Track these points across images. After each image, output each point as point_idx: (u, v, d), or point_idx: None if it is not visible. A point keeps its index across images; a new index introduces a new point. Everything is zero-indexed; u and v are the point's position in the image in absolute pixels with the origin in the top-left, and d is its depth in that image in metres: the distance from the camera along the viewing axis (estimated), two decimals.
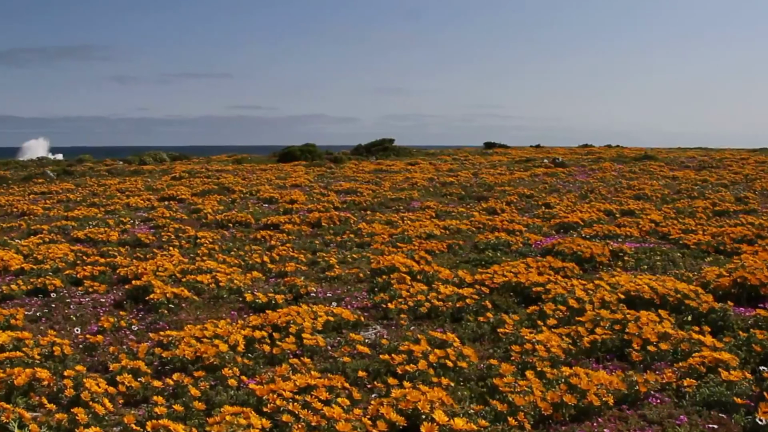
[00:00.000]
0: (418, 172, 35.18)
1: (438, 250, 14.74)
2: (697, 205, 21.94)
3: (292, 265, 13.22)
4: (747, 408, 6.44)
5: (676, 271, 12.53)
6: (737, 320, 9.31)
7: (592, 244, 13.96)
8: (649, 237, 16.91)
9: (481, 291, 10.64)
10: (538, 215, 20.46)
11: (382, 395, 6.74)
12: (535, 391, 6.50)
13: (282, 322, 8.91)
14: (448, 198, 25.45)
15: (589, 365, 7.78)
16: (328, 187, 28.57)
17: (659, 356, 7.87)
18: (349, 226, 18.37)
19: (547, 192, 26.93)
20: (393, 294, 10.58)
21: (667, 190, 27.29)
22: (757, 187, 27.97)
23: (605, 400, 6.54)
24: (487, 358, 8.01)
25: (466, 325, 9.36)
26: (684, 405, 6.66)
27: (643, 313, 8.76)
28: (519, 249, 14.95)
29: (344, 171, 36.35)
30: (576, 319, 8.95)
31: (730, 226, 17.41)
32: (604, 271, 12.51)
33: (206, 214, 20.37)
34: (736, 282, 10.83)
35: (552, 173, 33.97)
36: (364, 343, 8.55)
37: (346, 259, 14.04)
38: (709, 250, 14.87)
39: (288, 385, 6.62)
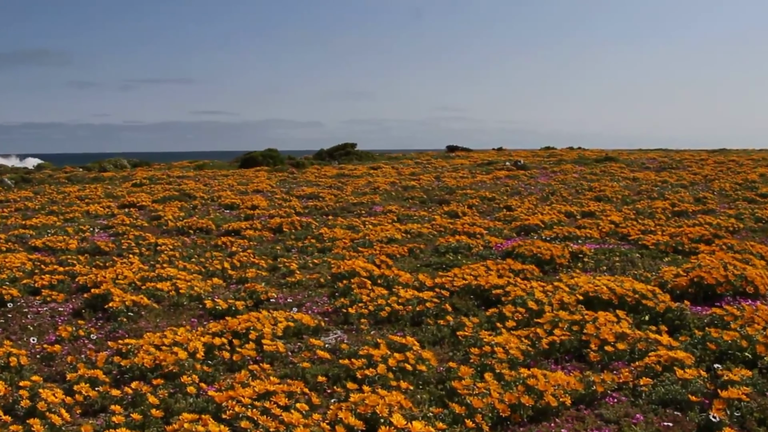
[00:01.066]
0: (380, 176, 35.20)
1: (399, 254, 14.78)
2: (657, 206, 22.18)
3: (253, 271, 13.18)
4: (701, 405, 6.55)
5: (635, 272, 12.67)
6: (694, 319, 9.46)
7: (552, 246, 14.07)
8: (608, 238, 17.07)
9: (442, 294, 10.68)
10: (499, 218, 20.55)
11: (342, 400, 6.76)
12: (493, 393, 6.56)
13: (242, 328, 8.89)
14: (410, 202, 25.49)
15: (547, 366, 7.86)
16: (290, 192, 28.49)
17: (617, 356, 7.97)
18: (310, 231, 18.35)
19: (509, 195, 27.08)
20: (354, 298, 10.61)
21: (628, 191, 27.54)
22: (715, 188, 28.33)
23: (562, 400, 6.61)
24: (447, 361, 8.05)
25: (426, 329, 9.40)
26: (640, 404, 6.75)
27: (601, 313, 8.86)
28: (480, 252, 15.02)
29: (306, 176, 36.29)
30: (535, 321, 9.05)
31: (688, 226, 17.62)
32: (564, 273, 12.62)
33: (167, 220, 20.22)
34: (693, 281, 10.99)
35: (514, 176, 34.16)
36: (325, 348, 8.56)
37: (308, 264, 14.04)
38: (667, 250, 15.05)
39: (247, 391, 6.61)
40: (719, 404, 6.37)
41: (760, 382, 6.99)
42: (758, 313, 8.81)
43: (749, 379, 6.98)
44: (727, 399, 6.43)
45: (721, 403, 6.38)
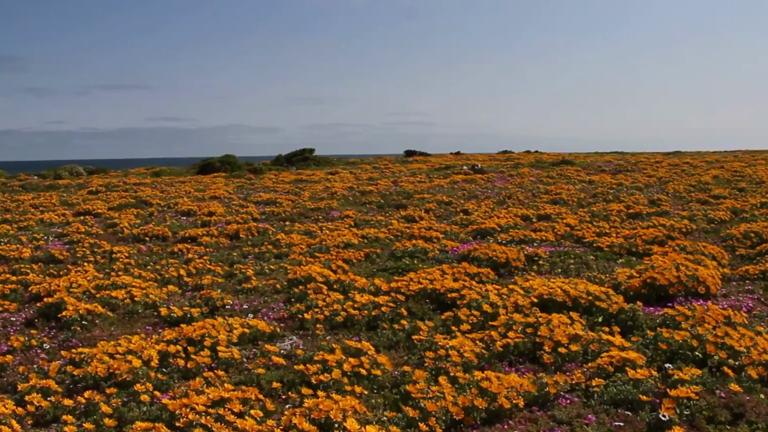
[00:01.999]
0: (338, 181, 35.22)
1: (355, 259, 14.80)
2: (612, 208, 22.43)
3: (209, 277, 13.12)
4: (652, 405, 6.63)
5: (589, 274, 12.80)
6: (646, 320, 9.59)
7: (507, 249, 14.17)
8: (564, 241, 17.22)
9: (397, 299, 10.71)
10: (456, 222, 20.67)
11: (296, 405, 6.75)
12: (447, 396, 6.59)
13: (197, 335, 8.85)
14: (368, 207, 25.54)
15: (501, 369, 7.90)
16: (248, 198, 28.41)
17: (570, 357, 8.04)
18: (267, 237, 18.31)
19: (466, 198, 27.20)
20: (309, 304, 10.61)
21: (584, 194, 27.82)
22: (669, 190, 28.71)
23: (515, 402, 6.66)
24: (402, 365, 8.07)
25: (381, 333, 9.42)
26: (592, 404, 6.82)
27: (555, 315, 8.93)
28: (436, 256, 15.08)
29: (264, 182, 36.20)
30: (490, 324, 9.09)
31: (642, 228, 17.84)
32: (519, 276, 12.71)
33: (123, 228, 20.04)
34: (646, 282, 11.13)
35: (471, 180, 34.32)
36: (280, 354, 8.55)
37: (264, 270, 14.00)
38: (621, 252, 15.23)
39: (201, 398, 6.58)
40: (669, 403, 6.46)
41: (710, 381, 7.11)
42: (709, 313, 8.94)
43: (699, 378, 7.09)
44: (677, 398, 6.52)
45: (670, 402, 6.47)
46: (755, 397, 6.77)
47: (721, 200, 24.79)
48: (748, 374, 7.29)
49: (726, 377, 7.26)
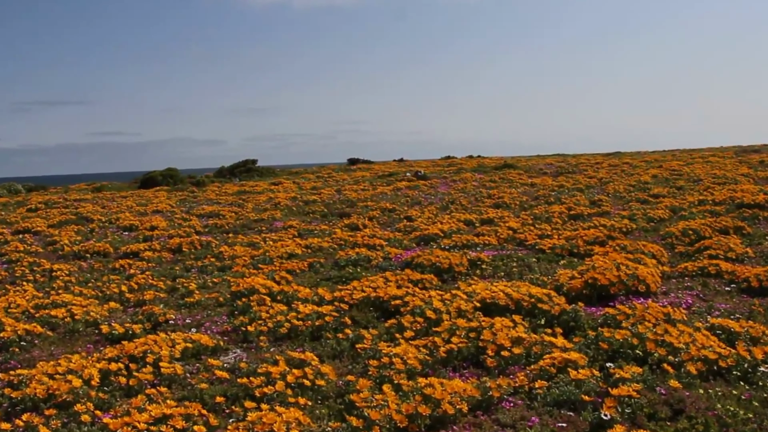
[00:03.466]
0: (281, 191, 35.08)
1: (299, 269, 14.76)
2: (554, 211, 22.65)
3: (151, 293, 12.97)
4: (594, 404, 6.69)
5: (532, 276, 12.92)
6: (588, 320, 9.69)
7: (450, 255, 14.23)
8: (506, 244, 17.35)
9: (341, 308, 10.70)
10: (399, 229, 20.72)
11: (240, 419, 6.71)
12: (391, 404, 6.58)
13: (139, 352, 8.73)
14: (311, 216, 25.48)
15: (445, 374, 7.93)
16: (190, 211, 28.17)
17: (513, 360, 8.10)
18: (210, 250, 18.19)
19: (409, 205, 27.29)
20: (253, 316, 10.53)
21: (526, 197, 28.07)
22: (610, 190, 29.08)
23: (459, 407, 6.67)
24: (346, 375, 8.05)
25: (325, 343, 9.40)
26: (535, 406, 6.87)
27: (498, 319, 8.98)
28: (379, 264, 15.10)
29: (207, 194, 35.92)
30: (433, 330, 9.12)
31: (584, 229, 18.06)
32: (462, 281, 12.78)
33: (63, 245, 19.73)
34: (588, 283, 11.26)
35: (414, 186, 34.44)
36: (223, 368, 8.49)
37: (207, 283, 13.90)
38: (563, 253, 15.39)
39: (143, 416, 6.50)
40: (610, 402, 6.53)
41: (650, 378, 7.20)
42: (649, 311, 9.08)
43: (640, 376, 7.17)
44: (618, 397, 6.59)
45: (612, 401, 6.54)
46: (694, 393, 6.87)
47: (661, 199, 25.18)
48: (688, 370, 7.41)
49: (666, 374, 7.36)
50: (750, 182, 28.81)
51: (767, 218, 19.52)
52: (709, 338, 8.14)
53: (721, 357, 7.62)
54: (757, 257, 14.42)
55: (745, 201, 21.85)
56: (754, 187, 26.31)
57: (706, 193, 26.01)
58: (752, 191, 24.21)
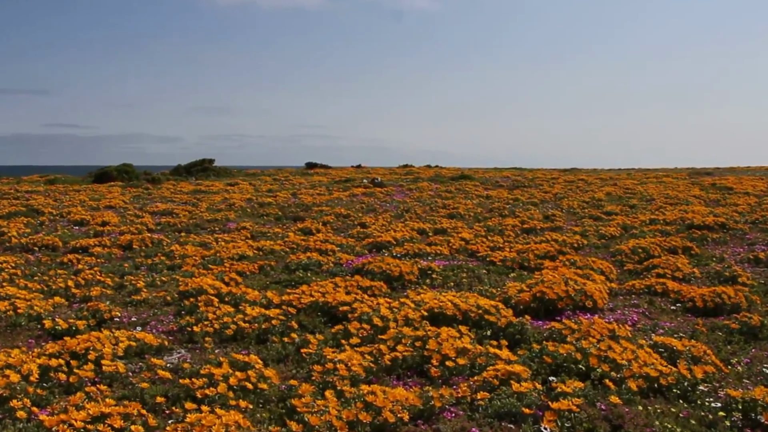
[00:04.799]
0: (237, 192, 34.93)
1: (249, 271, 14.67)
2: (507, 223, 22.77)
3: (98, 289, 12.82)
4: (535, 417, 6.72)
5: (481, 287, 12.95)
6: (534, 333, 9.73)
7: (401, 263, 14.24)
8: (458, 255, 17.41)
9: (289, 312, 10.65)
10: (352, 235, 20.70)
11: (179, 420, 6.63)
12: (332, 410, 6.56)
13: (81, 348, 8.61)
14: (265, 219, 25.39)
15: (389, 382, 7.91)
16: (144, 208, 27.93)
17: (457, 371, 8.11)
18: (161, 248, 18.03)
19: (364, 212, 27.29)
20: (200, 317, 10.45)
21: (480, 208, 28.17)
22: (564, 205, 29.31)
23: (400, 416, 6.66)
24: (290, 379, 8.02)
25: (271, 347, 9.35)
26: (476, 418, 6.87)
27: (444, 329, 8.98)
28: (330, 269, 15.06)
29: (162, 192, 35.66)
30: (379, 338, 9.11)
31: (535, 242, 18.18)
32: (412, 289, 12.79)
33: (11, 237, 19.43)
34: (536, 296, 11.32)
35: (370, 193, 34.45)
36: (166, 367, 8.40)
37: (155, 282, 13.76)
38: (514, 266, 15.47)
39: (81, 414, 6.41)
40: (550, 416, 6.57)
41: (591, 393, 7.25)
42: (594, 327, 9.13)
43: (581, 391, 7.22)
44: (558, 410, 6.63)
45: (552, 415, 6.58)
46: (634, 409, 6.93)
47: (613, 216, 25.41)
48: (629, 386, 7.48)
49: (607, 390, 7.43)
50: (701, 204, 29.21)
51: (716, 240, 19.79)
52: (652, 356, 8.23)
53: (662, 375, 7.71)
54: (704, 278, 14.60)
55: (695, 222, 22.13)
56: (704, 208, 26.68)
57: (657, 212, 26.31)
58: (702, 212, 24.56)
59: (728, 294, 11.79)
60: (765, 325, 10.32)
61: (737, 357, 9.18)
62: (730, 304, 11.63)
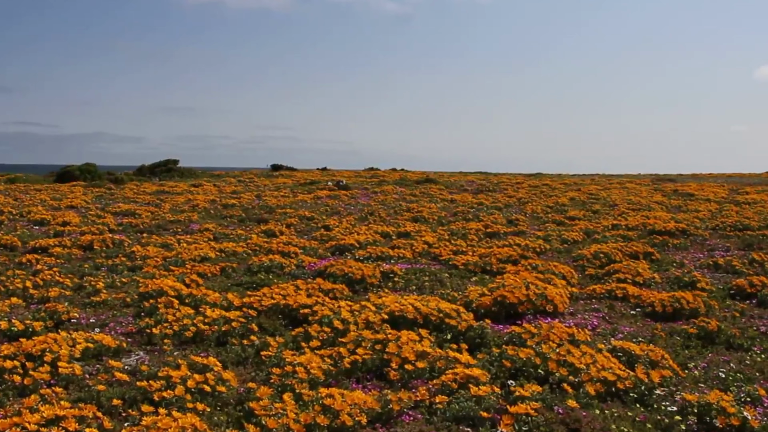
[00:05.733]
0: (200, 194, 34.76)
1: (211, 273, 14.59)
2: (471, 227, 22.84)
3: (56, 290, 12.66)
4: (492, 421, 6.73)
5: (443, 291, 12.97)
6: (494, 337, 9.76)
7: (363, 266, 14.23)
8: (421, 258, 17.42)
9: (249, 314, 10.59)
10: (316, 237, 20.67)
11: (135, 423, 6.57)
12: (289, 413, 6.53)
13: (37, 350, 8.49)
14: (229, 220, 25.28)
15: (348, 385, 7.89)
16: (106, 208, 27.71)
17: (416, 374, 8.09)
18: (122, 249, 17.87)
19: (328, 214, 27.26)
20: (159, 318, 10.35)
21: (444, 212, 28.26)
22: (528, 210, 29.47)
23: (358, 419, 6.65)
24: (249, 382, 7.95)
25: (230, 349, 9.28)
26: (434, 421, 6.87)
27: (405, 332, 8.98)
28: (292, 271, 15.01)
29: (125, 192, 35.42)
30: (340, 340, 9.07)
31: (498, 247, 18.22)
32: (374, 293, 12.77)
33: None
34: (497, 300, 11.35)
35: (335, 196, 34.45)
36: (124, 370, 8.31)
37: (115, 283, 13.62)
38: (476, 270, 15.51)
39: (35, 417, 6.32)
40: (508, 420, 6.59)
41: (549, 397, 7.27)
42: (554, 331, 9.19)
43: (539, 395, 7.24)
44: (516, 414, 6.65)
45: (509, 419, 6.60)
46: (591, 413, 6.97)
47: (576, 221, 25.60)
48: (587, 390, 7.52)
49: (565, 394, 7.45)
50: (663, 210, 29.52)
51: (676, 245, 19.99)
52: (610, 360, 8.27)
53: (620, 379, 7.76)
54: (663, 283, 14.74)
55: (657, 228, 22.35)
56: (666, 214, 26.97)
57: (620, 218, 26.54)
58: (664, 218, 24.81)
59: (687, 299, 11.90)
60: (722, 330, 10.43)
61: (694, 361, 9.27)
62: (688, 309, 11.74)
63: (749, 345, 10.11)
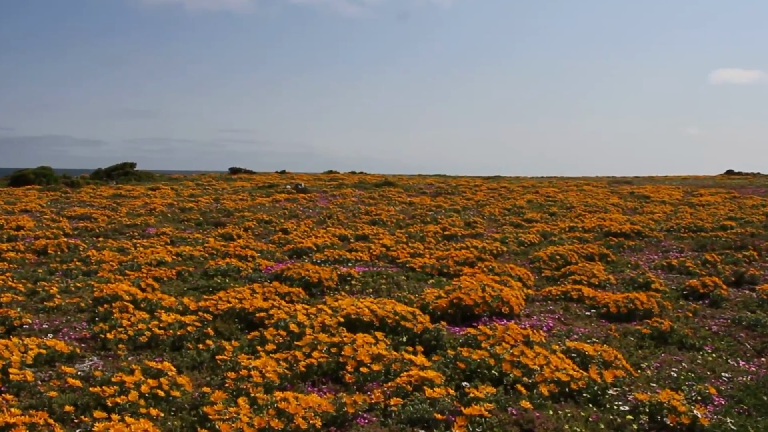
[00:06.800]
0: (158, 197, 34.52)
1: (167, 277, 14.50)
2: (429, 230, 22.90)
3: (9, 295, 12.47)
4: (447, 423, 6.76)
5: (400, 294, 12.99)
6: (450, 339, 9.79)
7: (320, 269, 14.21)
8: (378, 261, 17.45)
9: (205, 318, 10.52)
10: (273, 241, 20.61)
11: (87, 430, 6.52)
12: (243, 417, 6.51)
13: None
14: (186, 224, 25.15)
15: (304, 389, 7.89)
16: (61, 212, 27.42)
17: (372, 377, 8.11)
18: (78, 253, 17.70)
19: (286, 218, 27.22)
20: (114, 323, 10.25)
21: (403, 215, 28.32)
22: (486, 212, 29.62)
23: (313, 423, 6.64)
24: (204, 386, 7.92)
25: (186, 354, 9.22)
26: (389, 423, 6.87)
27: (360, 335, 8.98)
28: (249, 275, 14.96)
29: (81, 196, 35.07)
30: (295, 344, 9.06)
31: (456, 249, 18.30)
32: (331, 296, 12.76)
33: None
34: (453, 303, 11.39)
35: (293, 199, 34.39)
36: (77, 376, 8.23)
37: (70, 288, 13.48)
38: (433, 272, 15.55)
39: None
40: (461, 421, 6.62)
41: (503, 399, 7.32)
42: (509, 333, 9.23)
43: (493, 396, 7.29)
44: (470, 416, 6.69)
45: (463, 420, 6.63)
46: (544, 413, 7.02)
47: (533, 224, 25.80)
48: (540, 391, 7.57)
49: (519, 395, 7.50)
50: (619, 212, 29.82)
51: (632, 247, 20.21)
52: (564, 361, 8.34)
53: (573, 379, 7.82)
54: (619, 284, 14.89)
55: (613, 229, 22.58)
56: (622, 216, 27.24)
57: (577, 220, 26.78)
58: (620, 220, 25.06)
59: (641, 300, 12.04)
60: (675, 330, 10.57)
61: (647, 361, 9.38)
62: (642, 309, 11.88)
63: (701, 344, 10.26)
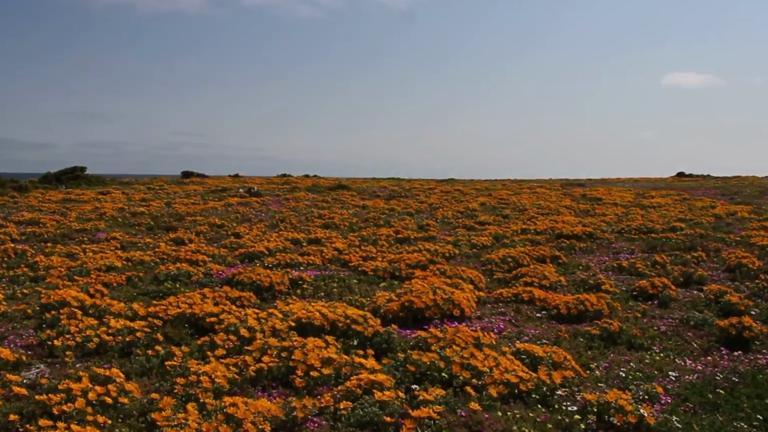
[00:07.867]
0: (109, 202, 34.18)
1: (117, 282, 14.35)
2: (381, 233, 22.92)
3: None
4: (396, 425, 6.77)
5: (351, 297, 13.00)
6: (401, 342, 9.81)
7: (272, 273, 14.17)
8: (331, 265, 17.44)
9: (154, 324, 10.44)
10: (225, 245, 20.50)
11: None
12: (192, 423, 6.47)
13: None
14: (137, 228, 24.91)
15: (254, 394, 7.86)
16: (8, 217, 26.98)
17: (322, 381, 8.10)
18: (25, 259, 17.45)
19: (239, 222, 27.09)
20: (61, 330, 10.13)
21: (356, 218, 28.31)
22: (439, 215, 29.73)
23: (262, 428, 6.61)
24: (153, 393, 7.84)
25: (135, 360, 9.14)
26: (339, 427, 6.88)
27: (311, 339, 8.97)
28: (200, 280, 14.88)
29: (29, 200, 34.56)
30: (246, 349, 9.02)
31: (408, 252, 18.34)
32: (282, 300, 12.73)
33: None
34: (404, 306, 11.41)
35: (246, 203, 34.24)
36: (23, 384, 8.10)
37: (16, 294, 13.29)
38: (385, 275, 15.58)
39: None
40: (410, 424, 6.63)
41: (453, 401, 7.36)
42: (459, 335, 9.28)
43: (443, 398, 7.32)
44: (419, 418, 6.71)
45: (412, 423, 6.65)
46: (493, 415, 7.07)
47: (486, 226, 25.92)
48: (489, 393, 7.62)
49: (468, 396, 7.55)
50: (571, 214, 30.09)
51: (583, 249, 20.41)
52: (514, 362, 8.40)
53: (522, 381, 7.89)
54: (570, 286, 15.03)
55: (564, 232, 22.79)
56: (574, 218, 27.51)
57: (529, 222, 26.98)
58: (572, 222, 25.32)
59: (591, 301, 12.16)
60: (624, 330, 10.70)
61: (596, 362, 9.48)
62: (592, 311, 12.00)
63: (649, 344, 10.40)
